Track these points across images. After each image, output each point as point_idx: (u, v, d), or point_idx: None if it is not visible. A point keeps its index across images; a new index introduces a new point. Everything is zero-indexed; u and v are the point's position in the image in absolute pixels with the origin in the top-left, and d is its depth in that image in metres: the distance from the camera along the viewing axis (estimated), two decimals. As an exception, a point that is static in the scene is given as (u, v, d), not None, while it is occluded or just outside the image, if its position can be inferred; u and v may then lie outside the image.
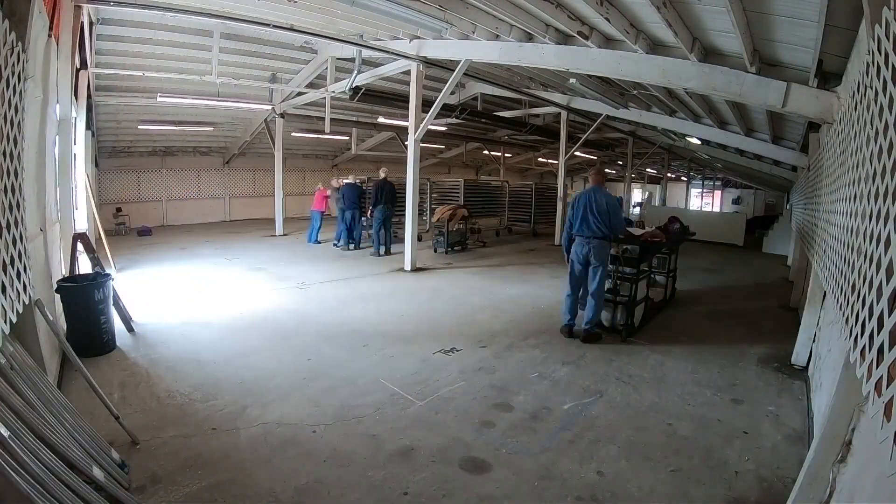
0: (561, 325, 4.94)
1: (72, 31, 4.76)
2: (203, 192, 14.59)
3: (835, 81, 3.72)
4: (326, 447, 2.83)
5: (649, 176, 27.43)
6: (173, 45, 8.58)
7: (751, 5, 3.40)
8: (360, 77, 8.69)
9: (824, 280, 3.15)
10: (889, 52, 1.57)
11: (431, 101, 7.77)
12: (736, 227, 13.54)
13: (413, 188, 7.88)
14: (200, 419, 3.09)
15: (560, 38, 5.53)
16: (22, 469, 1.62)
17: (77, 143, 6.15)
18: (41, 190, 3.45)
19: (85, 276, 4.43)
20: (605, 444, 2.98)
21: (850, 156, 2.42)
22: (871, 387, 1.49)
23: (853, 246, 2.05)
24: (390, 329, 5.04)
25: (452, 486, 2.51)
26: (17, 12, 2.46)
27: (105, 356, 4.03)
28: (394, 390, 3.61)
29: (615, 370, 4.13)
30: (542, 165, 24.33)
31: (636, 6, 4.14)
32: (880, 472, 1.38)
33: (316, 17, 6.67)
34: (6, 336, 1.98)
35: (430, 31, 6.68)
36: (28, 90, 2.66)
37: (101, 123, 10.84)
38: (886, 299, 1.44)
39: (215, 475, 2.51)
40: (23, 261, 2.30)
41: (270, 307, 5.71)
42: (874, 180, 1.73)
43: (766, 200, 26.34)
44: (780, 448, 2.99)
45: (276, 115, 11.67)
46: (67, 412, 2.40)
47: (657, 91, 7.55)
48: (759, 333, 5.32)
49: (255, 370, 3.87)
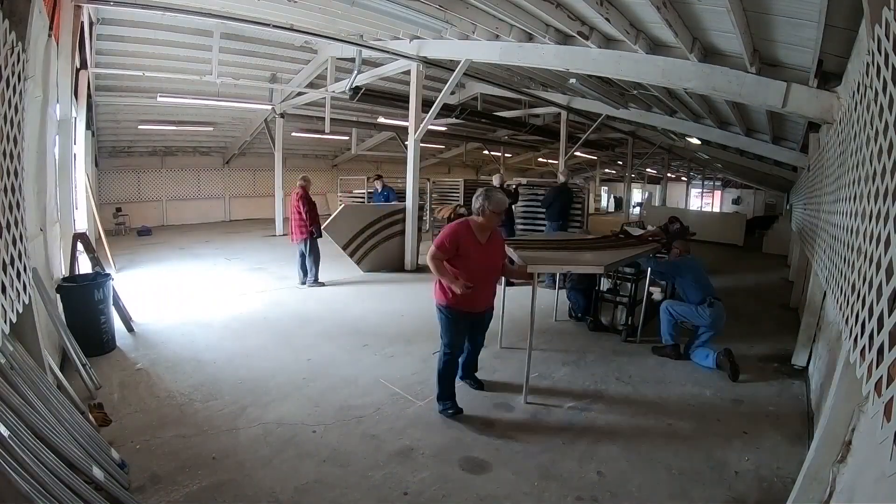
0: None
1: (72, 31, 4.76)
2: (203, 192, 14.59)
3: (835, 81, 3.72)
4: (326, 447, 2.83)
5: (649, 176, 27.44)
6: (173, 45, 8.59)
7: (751, 5, 3.40)
8: (360, 77, 8.69)
9: (824, 280, 3.15)
10: (889, 52, 1.57)
11: (431, 101, 7.77)
12: (736, 227, 13.52)
13: (413, 188, 7.88)
14: (200, 419, 3.09)
15: (560, 38, 5.53)
16: (22, 469, 1.62)
17: (77, 143, 6.15)
18: (41, 190, 3.45)
19: (85, 276, 4.43)
20: (605, 444, 2.98)
21: (850, 156, 2.43)
22: (871, 387, 1.49)
23: (853, 246, 2.05)
24: (391, 329, 5.03)
25: (452, 486, 2.51)
26: (17, 12, 2.46)
27: (105, 356, 4.03)
28: (394, 390, 3.60)
29: (615, 370, 4.13)
30: (542, 165, 24.33)
31: (636, 6, 4.14)
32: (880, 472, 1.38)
33: (316, 17, 6.67)
34: (6, 336, 1.98)
35: (430, 31, 6.68)
36: (28, 90, 2.66)
37: (101, 123, 10.84)
38: (886, 299, 1.45)
39: (215, 475, 2.51)
40: (23, 261, 2.30)
41: (270, 307, 5.71)
42: (874, 180, 1.73)
43: (766, 200, 26.34)
44: (780, 448, 2.99)
45: (276, 115, 11.68)
46: (67, 412, 2.40)
47: (657, 91, 7.55)
48: (759, 333, 5.31)
49: (255, 370, 3.87)
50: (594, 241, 5.16)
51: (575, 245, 4.75)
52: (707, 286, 4.38)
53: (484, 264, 3.13)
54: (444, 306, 3.13)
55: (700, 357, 4.22)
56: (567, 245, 4.72)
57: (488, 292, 3.29)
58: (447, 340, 3.19)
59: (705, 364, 4.16)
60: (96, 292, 4.03)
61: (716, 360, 4.09)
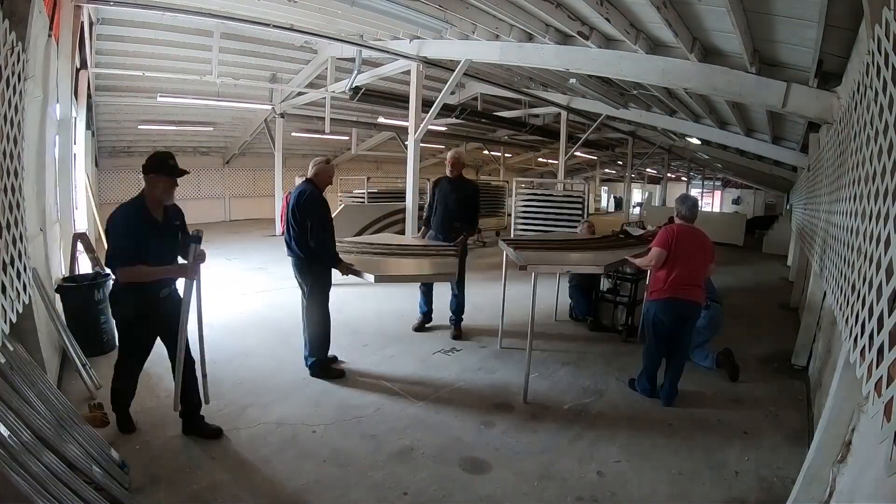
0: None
1: (72, 31, 4.77)
2: (203, 192, 14.58)
3: (835, 81, 3.72)
4: (326, 447, 2.83)
5: (649, 176, 27.45)
6: (173, 45, 8.58)
7: (751, 5, 3.40)
8: (360, 77, 8.69)
9: (824, 280, 3.15)
10: (889, 52, 1.57)
11: (431, 101, 7.76)
12: (736, 227, 13.52)
13: (413, 188, 7.88)
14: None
15: (560, 38, 5.53)
16: (22, 469, 1.62)
17: (77, 143, 6.15)
18: (41, 190, 3.45)
19: (85, 276, 4.42)
20: (605, 444, 2.98)
21: (850, 156, 2.43)
22: (871, 387, 1.49)
23: (853, 246, 2.05)
24: (390, 329, 5.04)
25: (452, 486, 2.51)
26: (17, 12, 2.47)
27: (105, 356, 4.02)
28: (394, 390, 3.60)
29: (615, 370, 4.13)
30: (542, 165, 24.32)
31: (636, 6, 4.14)
32: (880, 472, 1.38)
33: (316, 17, 6.67)
34: (6, 336, 1.98)
35: (430, 31, 6.67)
36: (28, 90, 2.66)
37: (101, 123, 10.83)
38: (886, 299, 1.45)
39: (215, 475, 2.51)
40: (23, 261, 2.30)
41: (270, 307, 5.71)
42: (874, 180, 1.73)
43: (766, 200, 26.37)
44: (780, 448, 2.99)
45: (276, 115, 11.67)
46: (67, 412, 2.40)
47: (657, 91, 7.55)
48: (759, 333, 5.32)
49: (255, 370, 3.87)
50: (594, 241, 5.16)
51: (575, 245, 4.75)
52: (707, 287, 4.24)
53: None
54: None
55: (699, 358, 4.20)
56: (567, 245, 4.72)
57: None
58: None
59: (704, 365, 4.15)
60: (96, 292, 4.03)
61: (716, 361, 4.07)
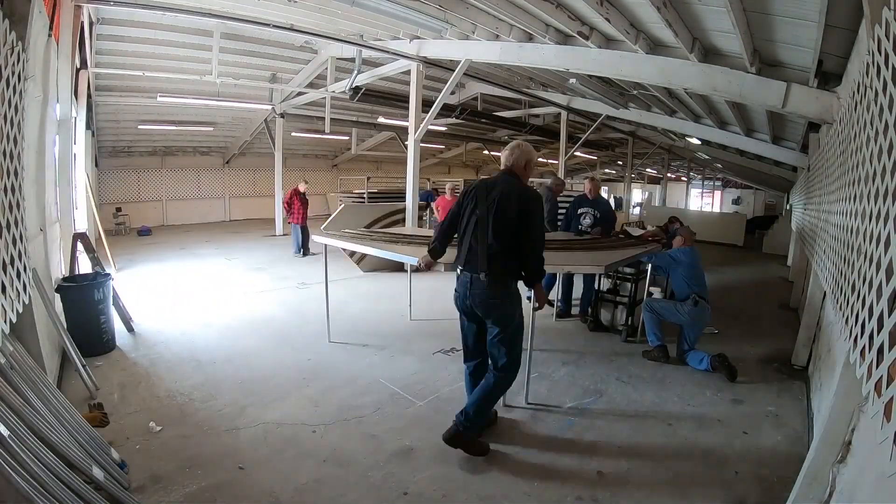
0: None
1: (72, 31, 4.77)
2: (203, 192, 14.60)
3: (835, 81, 3.72)
4: (326, 447, 2.82)
5: (649, 176, 27.43)
6: (173, 45, 8.59)
7: (751, 5, 3.40)
8: (360, 77, 8.69)
9: (824, 280, 3.15)
10: (889, 52, 1.57)
11: (431, 101, 7.76)
12: (736, 227, 13.53)
13: (413, 188, 7.88)
14: (200, 419, 3.08)
15: (560, 38, 5.53)
16: (22, 469, 1.62)
17: (77, 143, 6.16)
18: (41, 190, 3.45)
19: (85, 276, 4.43)
20: (605, 444, 2.98)
21: (849, 156, 2.43)
22: (871, 387, 1.49)
23: (853, 246, 2.05)
24: (390, 329, 5.04)
25: (452, 486, 2.51)
26: (17, 12, 2.47)
27: (105, 356, 4.03)
28: (394, 390, 3.60)
29: (615, 370, 4.13)
30: (542, 165, 24.31)
31: (636, 6, 4.14)
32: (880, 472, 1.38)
33: (316, 17, 6.67)
34: (6, 336, 1.98)
35: (430, 31, 6.67)
36: (28, 90, 2.66)
37: (101, 123, 10.84)
38: (886, 299, 1.45)
39: (215, 475, 2.51)
40: (23, 261, 2.30)
41: (270, 307, 5.71)
42: (874, 180, 1.73)
43: (766, 200, 26.33)
44: (780, 448, 2.99)
45: (276, 115, 11.68)
46: (67, 412, 2.40)
47: (657, 91, 7.55)
48: (759, 333, 5.31)
49: (255, 370, 3.87)
50: (594, 241, 5.16)
51: (575, 245, 4.74)
52: (697, 283, 4.26)
53: None
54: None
55: (694, 361, 4.19)
56: (567, 245, 4.72)
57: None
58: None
59: (700, 368, 4.13)
60: (96, 292, 4.03)
61: (710, 364, 4.07)
